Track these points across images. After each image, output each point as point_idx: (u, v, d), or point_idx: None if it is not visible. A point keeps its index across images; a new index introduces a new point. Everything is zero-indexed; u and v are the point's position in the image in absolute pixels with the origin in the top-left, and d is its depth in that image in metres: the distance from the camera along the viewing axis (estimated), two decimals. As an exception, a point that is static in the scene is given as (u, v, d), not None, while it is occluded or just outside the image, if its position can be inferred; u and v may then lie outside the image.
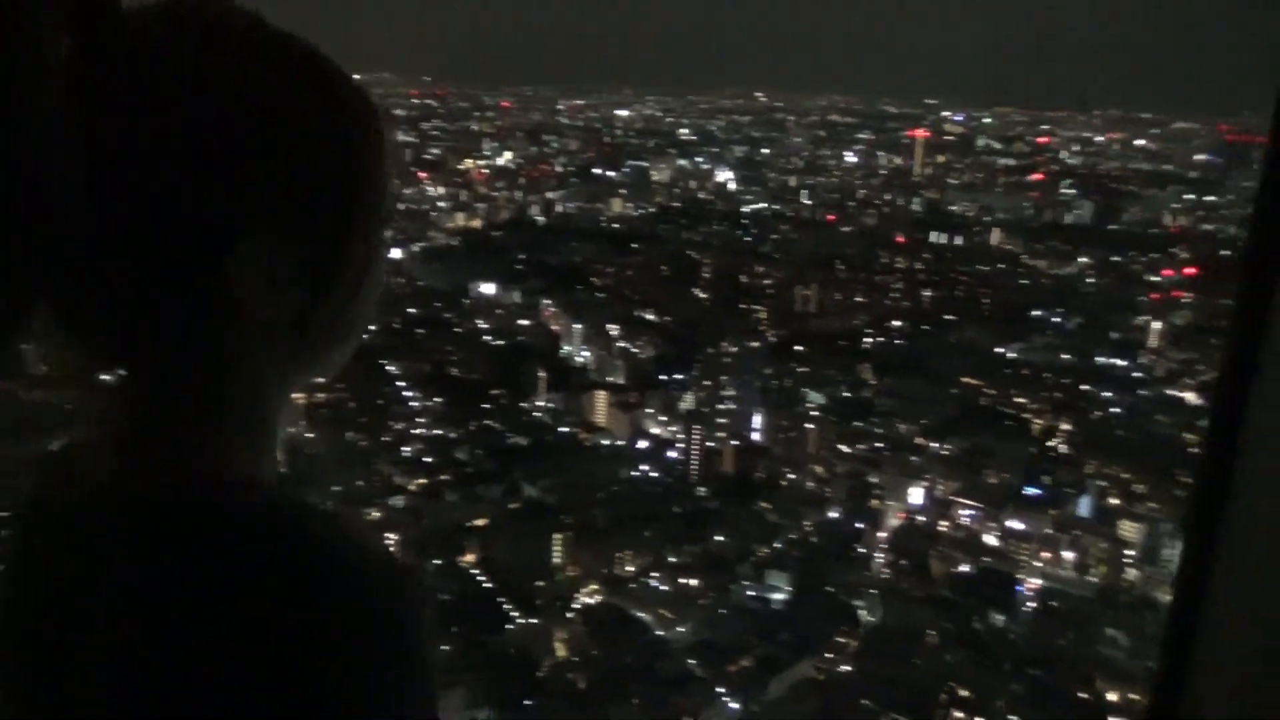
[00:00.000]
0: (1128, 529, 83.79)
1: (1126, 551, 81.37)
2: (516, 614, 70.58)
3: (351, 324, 1.92)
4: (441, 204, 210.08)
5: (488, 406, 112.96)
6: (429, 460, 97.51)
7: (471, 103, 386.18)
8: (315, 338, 1.74)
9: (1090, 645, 69.91)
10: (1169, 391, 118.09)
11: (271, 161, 1.47)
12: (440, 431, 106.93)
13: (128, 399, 1.54)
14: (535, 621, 70.35)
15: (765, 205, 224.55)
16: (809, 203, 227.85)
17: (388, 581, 1.45)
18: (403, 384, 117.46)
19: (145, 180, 1.35)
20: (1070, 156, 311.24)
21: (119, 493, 1.41)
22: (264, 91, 1.47)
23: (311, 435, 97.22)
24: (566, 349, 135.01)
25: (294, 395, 1.87)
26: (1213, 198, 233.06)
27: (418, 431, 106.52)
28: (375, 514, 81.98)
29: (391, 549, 1.71)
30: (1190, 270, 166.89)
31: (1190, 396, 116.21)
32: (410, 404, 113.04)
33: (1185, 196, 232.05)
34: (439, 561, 76.54)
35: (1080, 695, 64.18)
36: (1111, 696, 64.63)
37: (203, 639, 1.29)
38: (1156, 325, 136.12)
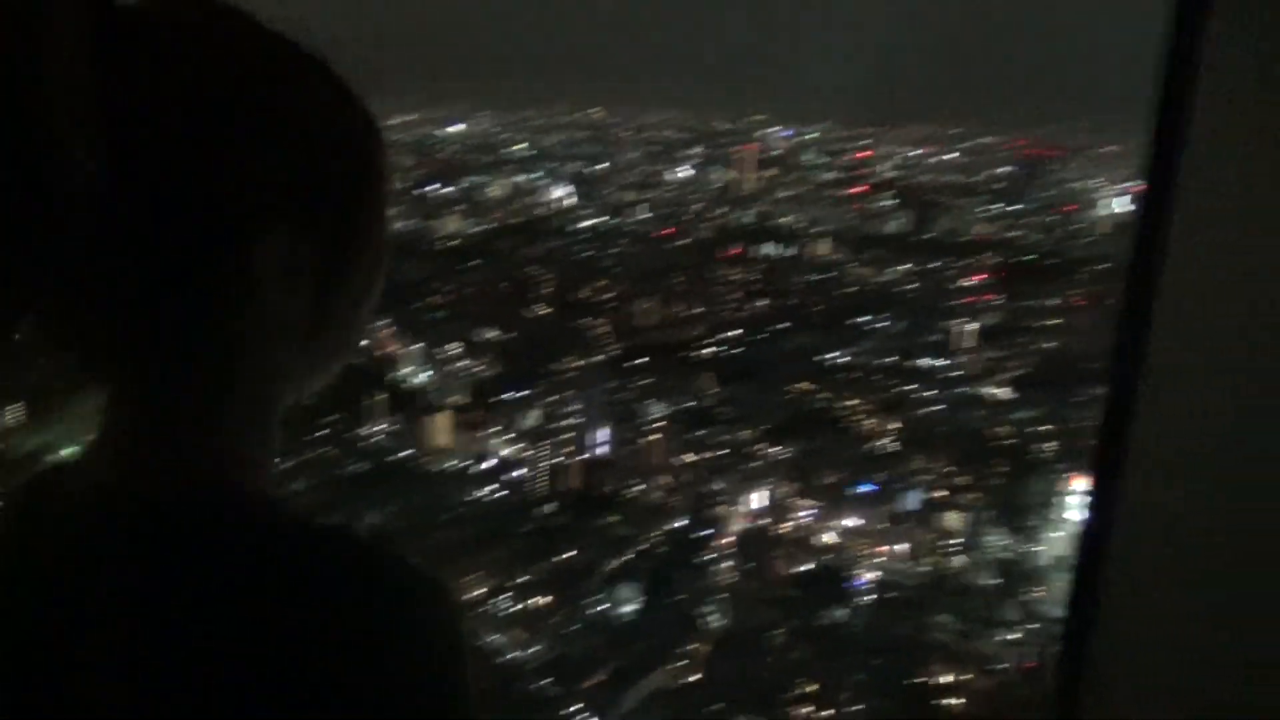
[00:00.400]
0: (952, 519, 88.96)
1: (952, 540, 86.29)
2: (361, 647, 67.98)
3: (360, 319, 1.96)
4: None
5: (324, 433, 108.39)
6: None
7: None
8: (326, 334, 1.76)
9: (924, 631, 73.54)
10: (983, 389, 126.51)
11: (286, 149, 1.47)
12: (276, 462, 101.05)
13: (132, 400, 1.51)
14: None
15: (603, 220, 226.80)
16: (645, 217, 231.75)
17: (419, 592, 1.46)
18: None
19: (157, 172, 1.34)
20: (888, 170, 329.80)
21: (121, 497, 1.39)
22: (271, 79, 1.48)
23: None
24: (405, 371, 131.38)
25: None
26: (1013, 207, 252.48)
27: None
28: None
29: (414, 561, 1.63)
30: (996, 274, 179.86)
31: (1001, 392, 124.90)
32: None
33: (990, 207, 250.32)
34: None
35: (917, 679, 67.36)
36: (946, 678, 68.20)
37: (213, 647, 1.27)
38: (969, 327, 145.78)
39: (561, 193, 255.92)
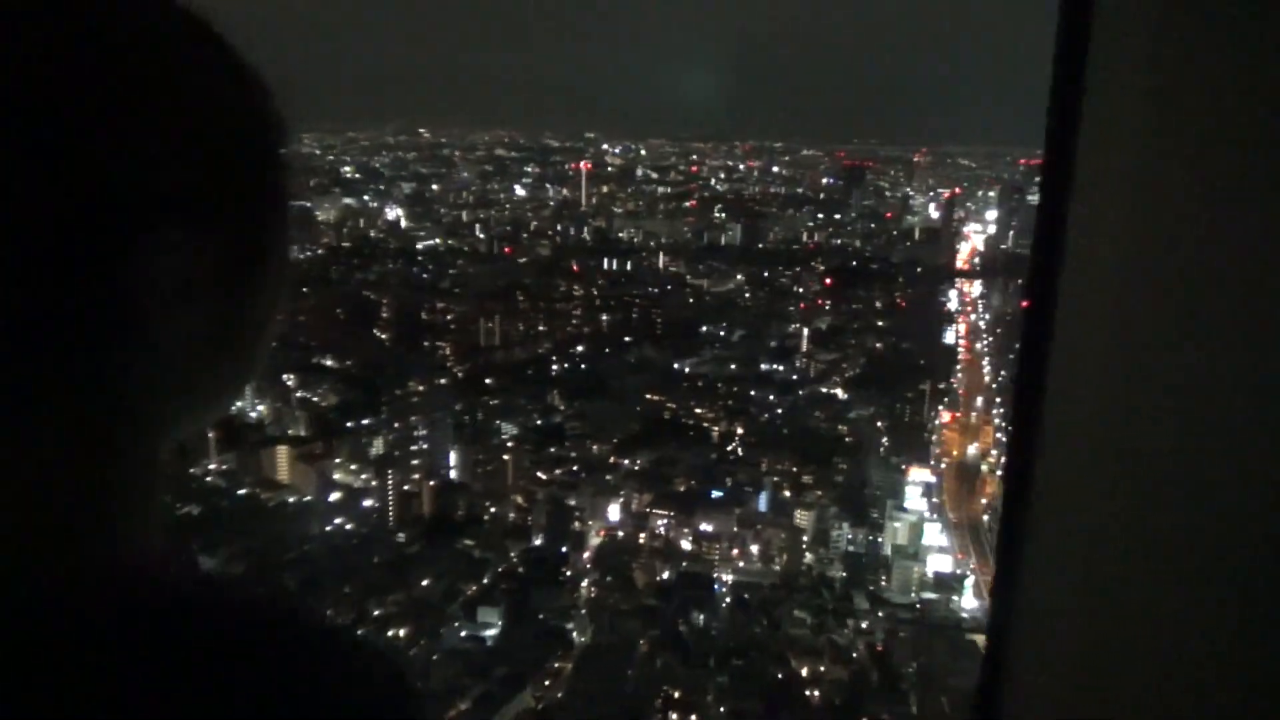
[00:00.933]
0: (800, 517, 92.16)
1: (802, 538, 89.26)
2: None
3: (267, 338, 1.49)
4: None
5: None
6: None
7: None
8: (228, 356, 1.35)
9: (780, 628, 75.70)
10: (821, 389, 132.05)
11: (176, 132, 1.14)
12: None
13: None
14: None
15: (439, 241, 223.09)
16: (483, 236, 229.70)
17: (380, 679, 1.27)
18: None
19: (11, 162, 0.98)
20: (718, 183, 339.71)
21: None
22: (155, 52, 1.13)
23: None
24: (237, 404, 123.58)
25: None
26: (838, 215, 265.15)
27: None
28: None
29: (372, 643, 1.41)
30: (827, 280, 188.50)
31: (839, 392, 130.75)
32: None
33: (817, 215, 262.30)
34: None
35: (777, 675, 69.25)
36: (803, 671, 70.38)
37: None
38: (805, 331, 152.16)
39: (395, 214, 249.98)
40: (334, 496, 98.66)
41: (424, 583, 79.50)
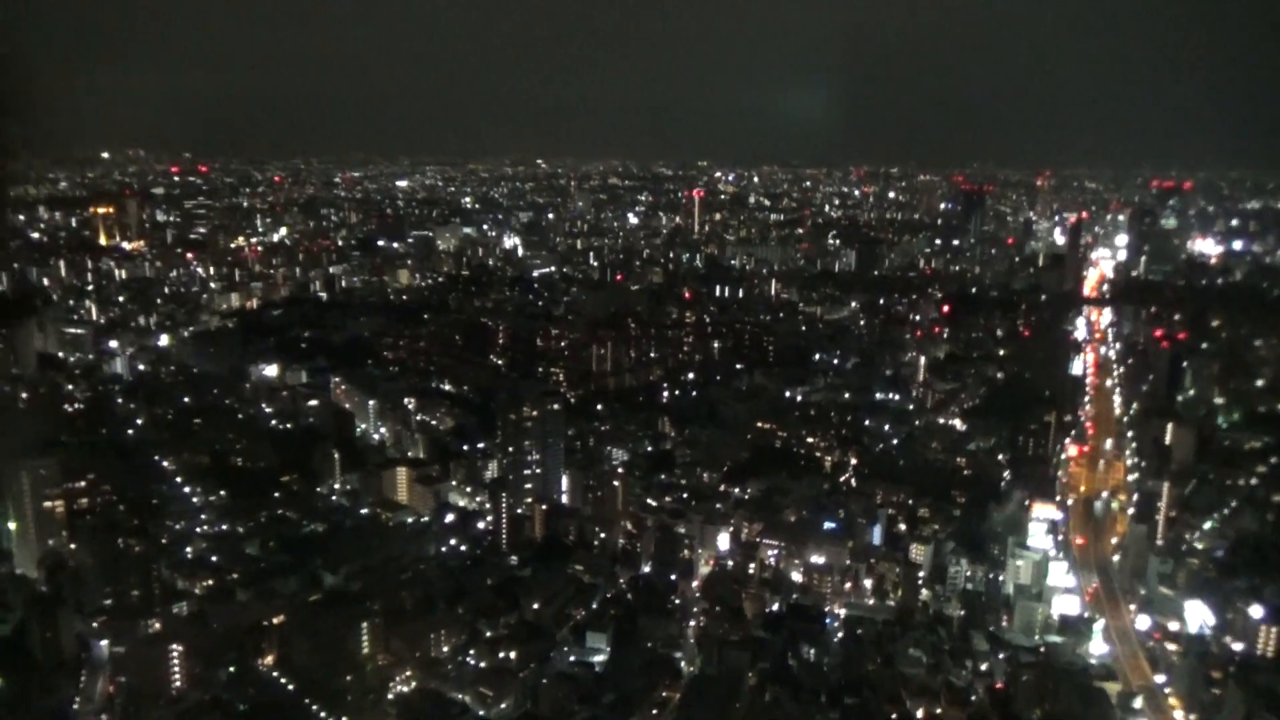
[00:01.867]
0: (916, 551, 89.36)
1: (918, 573, 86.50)
2: (325, 714, 65.82)
3: None
4: (213, 284, 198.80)
5: (278, 495, 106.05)
6: (215, 559, 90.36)
7: (238, 178, 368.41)
8: None
9: (893, 665, 73.34)
10: (939, 419, 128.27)
11: None
12: (226, 527, 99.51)
13: None
14: None
15: (554, 269, 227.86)
16: (596, 264, 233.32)
17: None
18: (179, 479, 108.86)
19: None
20: (832, 209, 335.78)
21: None
22: None
23: (73, 545, 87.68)
24: (360, 427, 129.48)
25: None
26: (956, 241, 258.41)
27: (200, 529, 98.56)
28: (156, 625, 74.79)
29: None
30: (945, 307, 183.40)
31: (957, 423, 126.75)
32: (190, 500, 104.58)
33: (934, 241, 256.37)
34: (232, 668, 70.46)
35: (891, 715, 67.05)
36: (919, 712, 67.92)
37: None
38: (922, 359, 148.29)
39: (511, 243, 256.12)
40: (449, 518, 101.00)
41: (534, 605, 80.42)
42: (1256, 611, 76.05)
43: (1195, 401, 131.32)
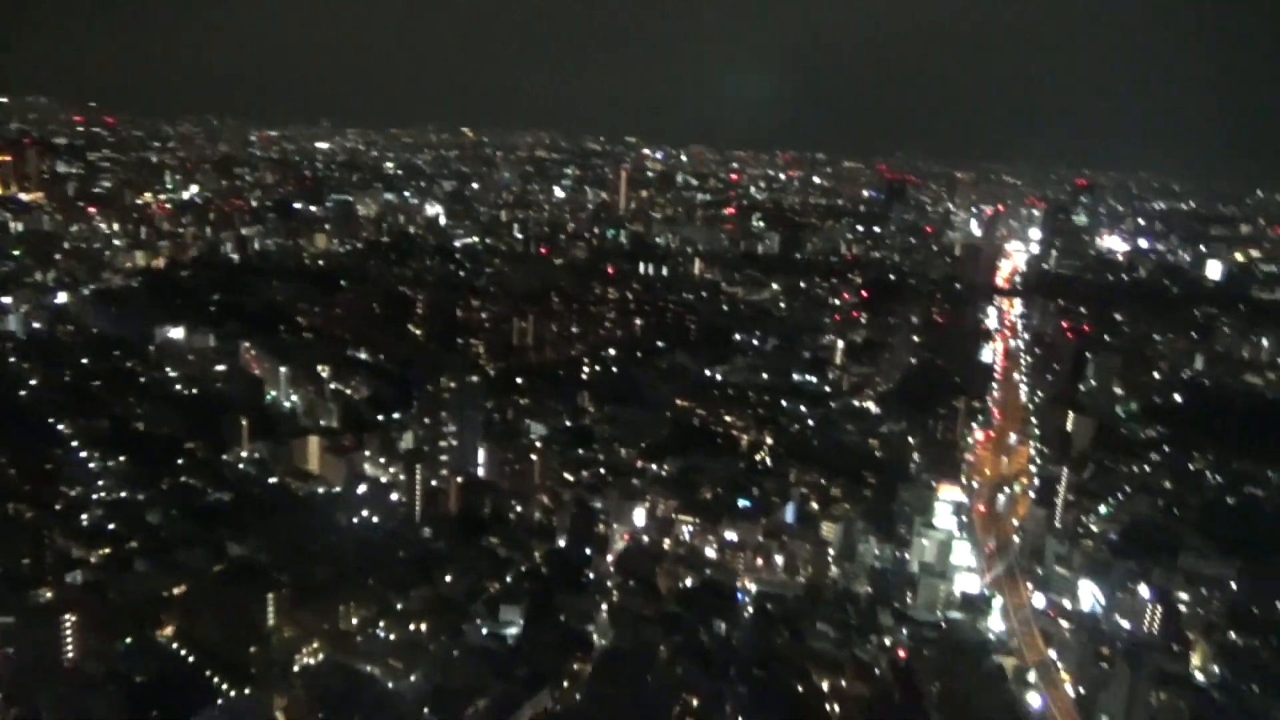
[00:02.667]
0: (827, 529, 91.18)
1: (828, 551, 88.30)
2: (227, 687, 64.09)
3: None
4: (117, 242, 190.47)
5: (182, 463, 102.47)
6: (113, 527, 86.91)
7: (148, 132, 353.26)
8: None
9: (802, 640, 74.78)
10: (854, 402, 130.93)
11: None
12: (126, 494, 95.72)
13: None
14: (249, 693, 64.22)
15: (477, 240, 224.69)
16: (520, 236, 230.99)
17: None
18: (76, 444, 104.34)
19: None
20: (758, 192, 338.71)
21: None
22: None
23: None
24: (271, 395, 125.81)
25: None
26: (877, 229, 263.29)
27: (98, 496, 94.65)
28: (48, 594, 71.66)
29: None
30: (864, 293, 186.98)
31: (871, 406, 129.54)
32: (87, 466, 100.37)
33: (856, 228, 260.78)
34: (130, 639, 68.00)
35: (798, 688, 68.39)
36: (825, 685, 69.50)
37: None
38: (839, 344, 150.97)
39: (434, 211, 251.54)
40: (362, 489, 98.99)
41: (447, 579, 79.56)
42: (1144, 592, 79.78)
43: (1096, 392, 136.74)
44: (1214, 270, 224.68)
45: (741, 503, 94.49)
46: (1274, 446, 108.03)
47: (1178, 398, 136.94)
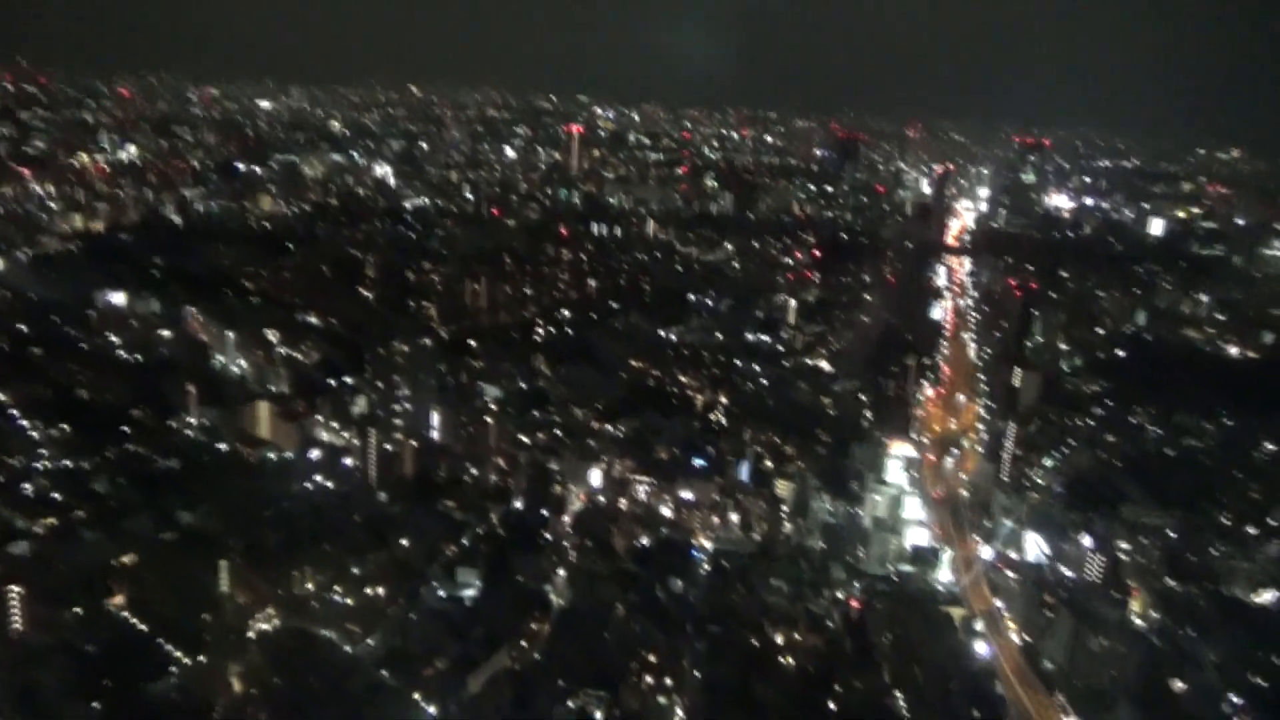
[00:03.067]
0: (781, 487, 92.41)
1: (782, 508, 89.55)
2: (180, 655, 63.56)
3: None
4: (53, 205, 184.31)
5: (127, 430, 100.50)
6: (58, 497, 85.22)
7: (82, 90, 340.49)
8: None
9: (757, 595, 76.05)
10: (807, 361, 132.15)
11: None
12: (69, 463, 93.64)
13: None
14: (203, 660, 63.78)
15: (427, 201, 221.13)
16: (471, 197, 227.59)
17: None
18: (16, 413, 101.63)
19: None
20: (711, 151, 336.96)
21: None
22: None
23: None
24: (219, 360, 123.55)
25: None
26: (829, 188, 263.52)
27: (41, 465, 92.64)
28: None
29: None
30: (816, 253, 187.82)
31: (824, 364, 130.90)
32: (29, 434, 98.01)
33: (809, 187, 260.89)
34: (79, 610, 67.01)
35: (753, 642, 69.70)
36: (779, 638, 70.86)
37: None
38: (792, 303, 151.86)
39: (382, 172, 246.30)
40: (315, 454, 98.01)
41: (403, 543, 79.38)
42: (1087, 541, 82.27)
43: (1042, 348, 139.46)
44: (1156, 227, 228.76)
45: (696, 462, 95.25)
46: (1211, 400, 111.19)
47: (1120, 353, 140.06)
